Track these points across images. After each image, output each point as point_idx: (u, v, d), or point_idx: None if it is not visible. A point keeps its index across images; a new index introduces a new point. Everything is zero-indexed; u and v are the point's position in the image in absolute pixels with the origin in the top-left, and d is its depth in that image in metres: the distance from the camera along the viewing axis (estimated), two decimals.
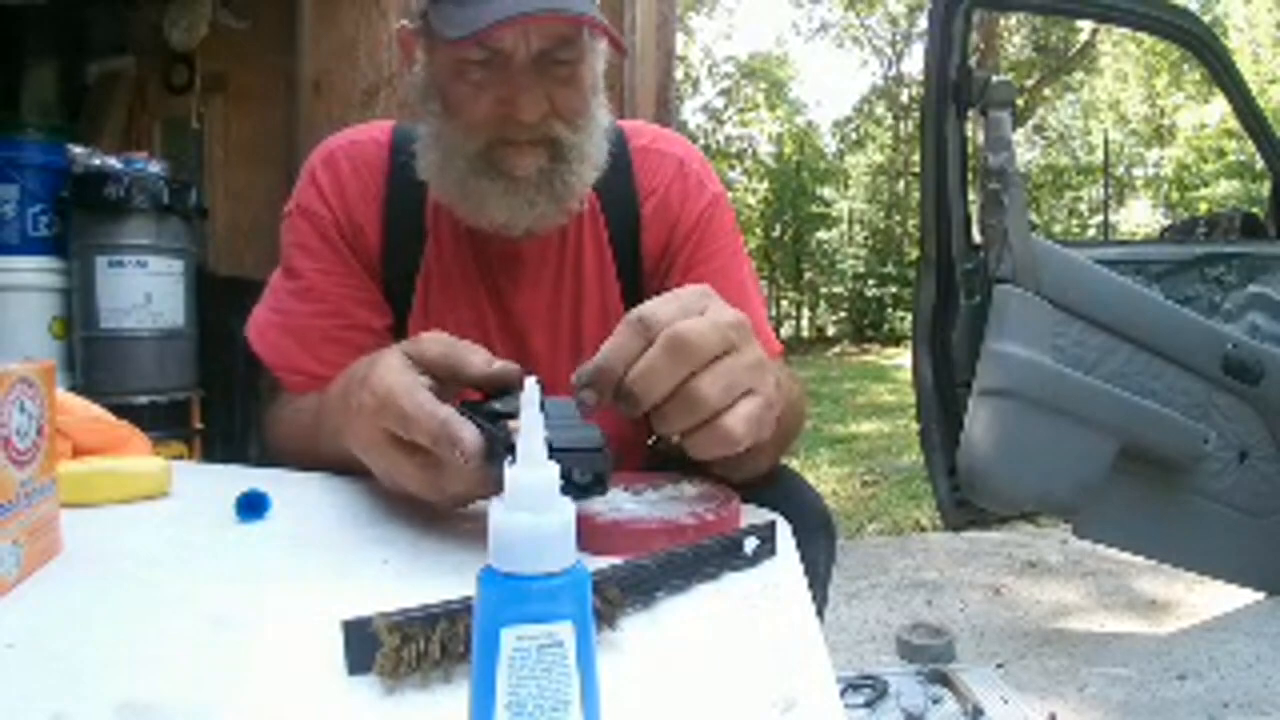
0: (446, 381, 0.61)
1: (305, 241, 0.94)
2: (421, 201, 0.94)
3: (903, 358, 9.20)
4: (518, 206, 0.84)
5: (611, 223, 0.96)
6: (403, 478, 0.61)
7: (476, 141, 0.83)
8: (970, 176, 2.26)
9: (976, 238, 2.23)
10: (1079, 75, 16.65)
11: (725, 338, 0.56)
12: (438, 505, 0.63)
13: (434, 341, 0.61)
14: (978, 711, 1.70)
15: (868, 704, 1.74)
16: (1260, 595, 2.45)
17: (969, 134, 2.30)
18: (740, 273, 0.99)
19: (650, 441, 1.08)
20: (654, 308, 0.56)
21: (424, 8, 0.83)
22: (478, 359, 0.60)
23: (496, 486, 0.56)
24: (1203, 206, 12.26)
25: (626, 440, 1.00)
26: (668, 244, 0.97)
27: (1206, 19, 6.77)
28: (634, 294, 0.97)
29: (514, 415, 0.55)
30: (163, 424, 2.40)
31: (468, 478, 0.57)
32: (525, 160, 0.83)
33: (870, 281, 15.10)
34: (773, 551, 0.60)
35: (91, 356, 2.40)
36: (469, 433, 0.54)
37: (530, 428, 0.33)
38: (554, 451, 0.54)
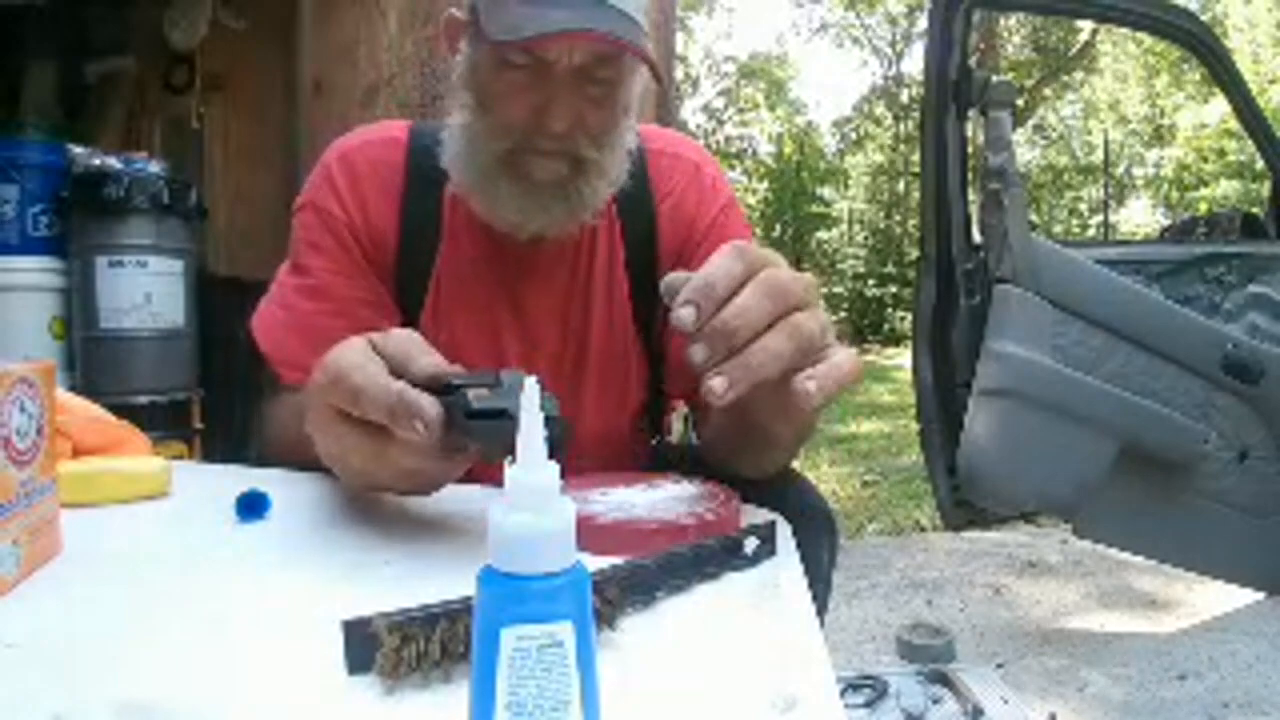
0: (398, 376, 0.61)
1: (316, 239, 0.93)
2: (439, 202, 0.94)
3: (903, 358, 9.19)
4: (531, 210, 0.86)
5: (626, 224, 0.97)
6: (351, 454, 0.60)
7: (504, 141, 0.84)
8: (970, 176, 2.26)
9: (976, 238, 2.23)
10: (1079, 75, 16.64)
11: (809, 291, 0.56)
12: (390, 485, 0.63)
13: (397, 336, 0.61)
14: (978, 711, 1.70)
15: (868, 704, 1.74)
16: (1260, 595, 2.45)
17: (969, 134, 2.30)
18: None
19: (654, 441, 1.09)
20: (744, 244, 0.56)
21: (475, 1, 0.84)
22: (425, 359, 0.59)
23: (455, 455, 0.56)
24: (1203, 206, 12.25)
25: (625, 440, 1.00)
26: (683, 244, 0.98)
27: (1206, 19, 6.77)
28: (646, 295, 0.98)
29: (471, 386, 0.55)
30: (163, 424, 2.40)
31: (417, 450, 0.56)
32: (547, 166, 0.84)
33: (870, 281, 15.09)
34: (773, 551, 0.60)
35: (91, 356, 2.40)
36: (427, 401, 0.54)
37: (530, 428, 0.33)
38: (512, 418, 0.55)
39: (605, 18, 0.78)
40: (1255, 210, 2.68)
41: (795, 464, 0.96)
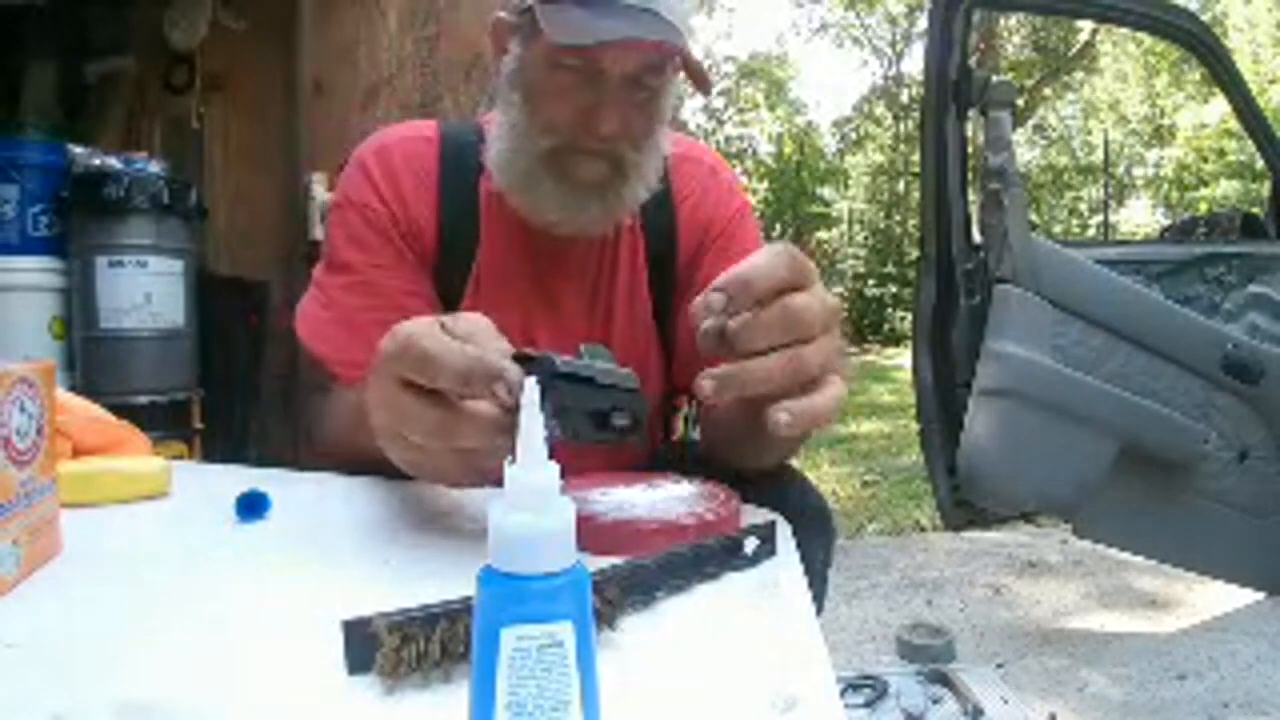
0: None
1: (357, 235, 0.92)
2: (474, 200, 0.95)
3: (903, 358, 9.19)
4: (571, 209, 0.88)
5: (649, 223, 0.99)
6: (411, 428, 0.57)
7: (549, 141, 0.86)
8: (970, 176, 2.26)
9: (976, 238, 2.23)
10: (1079, 75, 16.63)
11: (829, 320, 0.57)
12: (444, 469, 0.60)
13: (471, 320, 0.59)
14: (978, 711, 1.70)
15: (868, 704, 1.74)
16: (1260, 595, 2.45)
17: (969, 134, 2.30)
18: None
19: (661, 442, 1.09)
20: (799, 252, 0.57)
21: (528, 3, 0.84)
22: (496, 344, 0.57)
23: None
24: (1203, 206, 12.25)
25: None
26: (701, 242, 1.01)
27: (1206, 19, 6.76)
28: (665, 291, 1.00)
29: (539, 359, 0.54)
30: (163, 424, 2.40)
31: (487, 425, 0.55)
32: (590, 167, 0.87)
33: (870, 281, 15.08)
34: (772, 551, 0.60)
35: (91, 356, 2.41)
36: (510, 363, 0.52)
37: (530, 428, 0.33)
38: (599, 387, 0.55)
39: (659, 28, 0.80)
40: (1255, 210, 2.67)
41: (795, 463, 0.96)
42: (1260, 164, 2.58)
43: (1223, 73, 2.43)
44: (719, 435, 0.85)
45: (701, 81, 0.86)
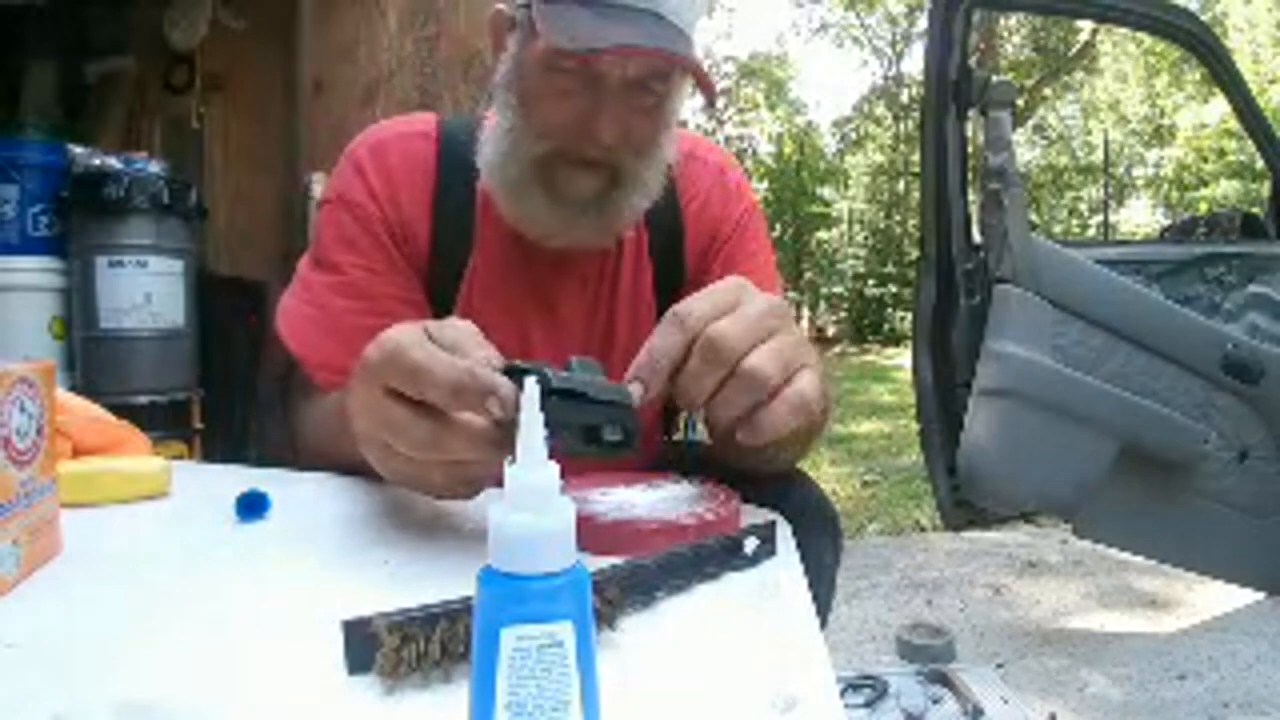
0: None
1: (348, 235, 0.90)
2: (471, 199, 0.92)
3: (903, 358, 9.18)
4: (560, 224, 0.85)
5: (654, 228, 0.97)
6: (398, 439, 0.56)
7: (544, 145, 0.83)
8: (970, 176, 2.26)
9: (976, 238, 2.23)
10: (1079, 75, 16.63)
11: (762, 327, 0.57)
12: (432, 481, 0.59)
13: (454, 326, 0.58)
14: (978, 711, 1.70)
15: (868, 704, 1.74)
16: (1260, 595, 2.45)
17: (969, 134, 2.30)
18: (770, 280, 1.01)
19: (670, 438, 1.09)
20: (689, 304, 0.57)
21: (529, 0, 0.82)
22: (481, 352, 0.56)
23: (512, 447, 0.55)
24: (1203, 206, 12.25)
25: (645, 439, 1.00)
26: (709, 244, 0.99)
27: (1206, 19, 6.76)
28: (670, 294, 0.98)
29: (530, 372, 0.53)
30: (163, 424, 2.40)
31: (477, 437, 0.54)
32: (583, 183, 0.83)
33: (870, 281, 15.08)
34: (773, 551, 0.60)
35: (91, 356, 2.40)
36: (501, 378, 0.51)
37: (530, 428, 0.33)
38: (591, 402, 0.55)
39: (666, 34, 0.78)
40: (1255, 210, 2.67)
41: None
42: (1260, 164, 2.58)
43: (1223, 73, 2.42)
44: (731, 444, 0.84)
45: (709, 91, 0.83)
